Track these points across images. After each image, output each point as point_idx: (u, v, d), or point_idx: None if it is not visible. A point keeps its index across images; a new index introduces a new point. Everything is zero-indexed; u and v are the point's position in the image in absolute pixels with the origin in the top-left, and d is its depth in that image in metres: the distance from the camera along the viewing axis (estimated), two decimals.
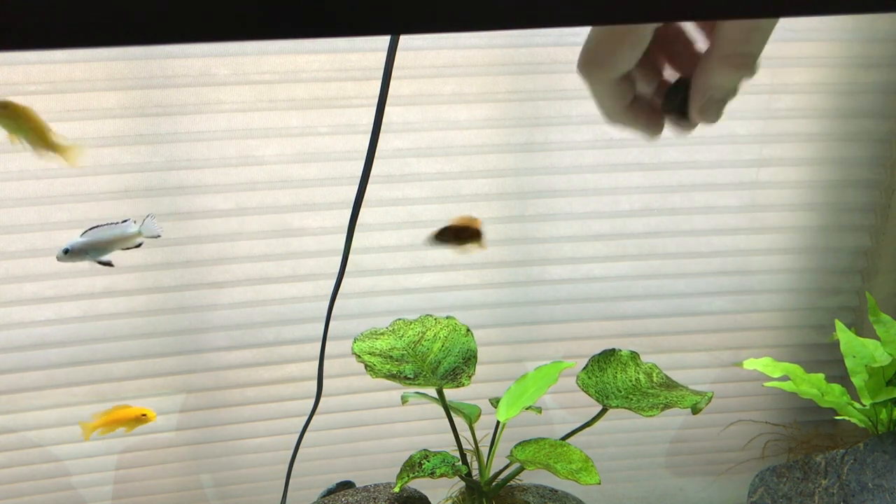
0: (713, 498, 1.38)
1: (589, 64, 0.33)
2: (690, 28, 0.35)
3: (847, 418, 1.08)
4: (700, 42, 0.35)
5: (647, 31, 0.31)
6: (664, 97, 0.35)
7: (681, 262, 1.22)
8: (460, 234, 0.76)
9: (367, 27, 0.22)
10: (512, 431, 1.03)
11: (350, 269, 0.90)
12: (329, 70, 1.06)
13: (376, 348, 0.95)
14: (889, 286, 1.25)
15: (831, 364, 1.26)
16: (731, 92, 0.34)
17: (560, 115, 1.12)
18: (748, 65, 0.32)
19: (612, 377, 0.96)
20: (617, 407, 0.91)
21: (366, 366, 0.91)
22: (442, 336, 0.97)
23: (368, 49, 1.05)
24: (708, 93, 0.33)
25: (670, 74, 0.36)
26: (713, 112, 0.34)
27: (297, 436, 1.04)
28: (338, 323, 1.07)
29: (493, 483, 0.96)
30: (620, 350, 0.99)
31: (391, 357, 0.94)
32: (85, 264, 1.09)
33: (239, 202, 1.10)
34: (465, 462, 0.93)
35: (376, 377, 0.90)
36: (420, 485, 1.01)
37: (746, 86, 1.13)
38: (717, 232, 1.21)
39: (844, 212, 1.22)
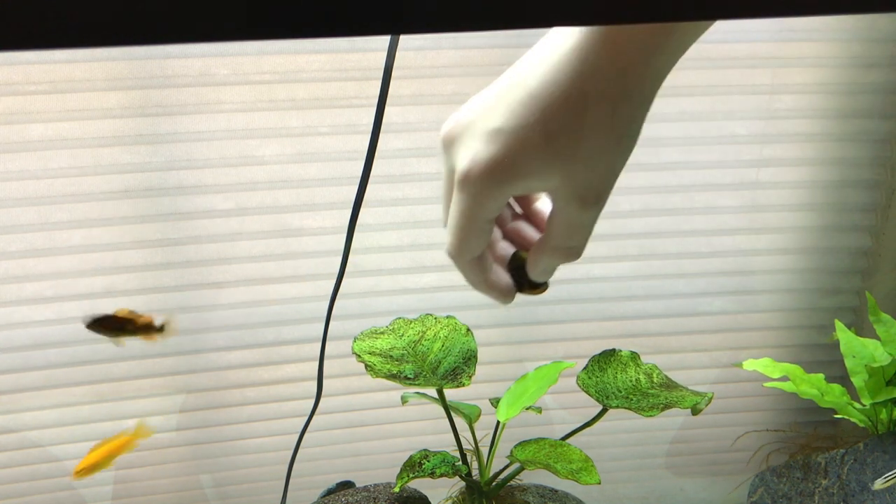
0: (713, 498, 1.38)
1: (451, 252, 0.44)
2: (525, 225, 0.48)
3: (847, 418, 1.08)
4: (532, 233, 0.48)
5: (488, 225, 0.42)
6: (507, 267, 0.48)
7: (681, 262, 1.22)
8: (122, 325, 0.75)
9: (367, 27, 0.22)
10: (512, 431, 1.03)
11: (350, 269, 0.90)
12: (329, 70, 1.06)
13: (376, 348, 0.95)
14: (889, 286, 1.25)
15: (831, 364, 1.26)
16: (557, 266, 0.45)
17: None
18: (573, 255, 0.43)
19: (612, 377, 0.96)
20: (617, 407, 0.91)
21: (366, 366, 0.91)
22: (442, 336, 0.97)
23: (368, 49, 1.05)
24: (540, 269, 0.45)
25: (508, 248, 0.48)
26: (545, 277, 0.47)
27: (297, 436, 1.04)
28: (338, 323, 1.07)
29: (493, 483, 0.96)
30: (621, 350, 0.99)
31: (391, 357, 0.94)
32: (85, 264, 1.10)
33: (239, 202, 1.10)
34: (465, 462, 0.93)
35: (376, 377, 0.90)
36: (420, 485, 1.00)
37: (747, 86, 1.12)
38: (717, 232, 1.21)
39: (844, 212, 1.22)
